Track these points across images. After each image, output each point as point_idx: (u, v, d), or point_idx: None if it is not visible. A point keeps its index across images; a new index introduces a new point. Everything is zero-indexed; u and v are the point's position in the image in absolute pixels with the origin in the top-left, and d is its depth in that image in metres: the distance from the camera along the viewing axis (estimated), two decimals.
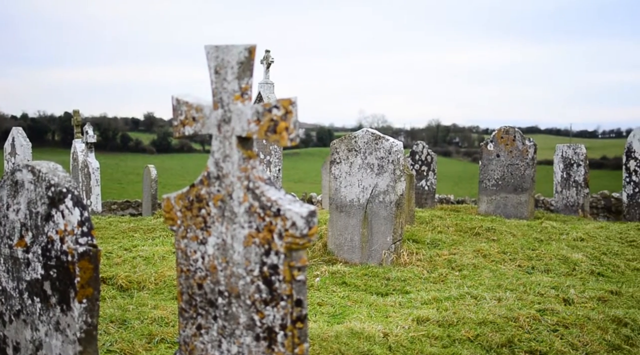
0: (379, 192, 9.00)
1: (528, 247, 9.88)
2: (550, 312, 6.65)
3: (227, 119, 3.17)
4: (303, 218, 2.92)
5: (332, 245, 9.31)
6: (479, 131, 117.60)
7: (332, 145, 9.46)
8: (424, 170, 18.77)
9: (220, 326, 3.30)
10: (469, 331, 5.99)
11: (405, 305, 6.97)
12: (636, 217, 15.11)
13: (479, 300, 7.06)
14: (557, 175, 17.46)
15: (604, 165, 77.31)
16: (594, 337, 6.14)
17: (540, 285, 7.82)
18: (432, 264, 8.88)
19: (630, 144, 15.39)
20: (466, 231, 10.70)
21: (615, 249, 10.18)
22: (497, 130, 14.65)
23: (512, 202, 14.18)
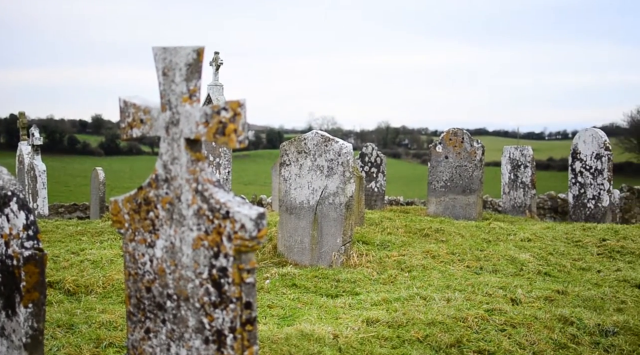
0: (329, 194, 9.02)
1: (476, 247, 9.97)
2: (498, 312, 6.72)
3: (175, 121, 3.15)
4: (252, 220, 2.91)
5: (282, 247, 9.30)
6: (428, 133, 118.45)
7: (282, 147, 9.46)
8: (373, 172, 18.84)
9: (169, 330, 3.28)
10: (418, 332, 6.03)
11: (355, 306, 6.99)
12: (582, 217, 15.34)
13: (428, 301, 7.11)
14: (505, 176, 17.66)
15: (550, 166, 78.42)
16: (541, 336, 6.22)
17: (489, 285, 7.90)
18: (381, 266, 8.92)
19: (576, 146, 15.62)
20: (415, 232, 10.77)
21: (562, 249, 10.32)
22: (446, 132, 14.76)
23: (460, 203, 14.30)
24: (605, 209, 15.13)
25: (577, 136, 15.77)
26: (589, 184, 15.35)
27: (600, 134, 15.41)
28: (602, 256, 10.24)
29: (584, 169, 15.42)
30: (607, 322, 6.67)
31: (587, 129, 15.74)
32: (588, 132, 15.59)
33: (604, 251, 10.44)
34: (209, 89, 13.95)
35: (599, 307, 7.46)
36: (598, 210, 15.20)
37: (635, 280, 8.74)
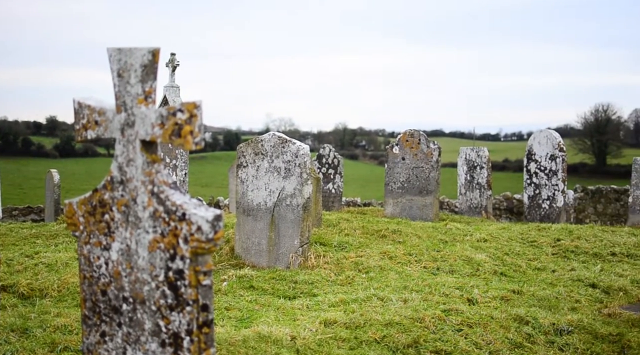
0: (286, 195, 9.01)
1: (433, 248, 10.03)
2: (455, 312, 6.76)
3: (130, 123, 3.12)
4: (209, 222, 2.89)
5: (239, 249, 9.27)
6: (385, 134, 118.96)
7: (239, 149, 9.43)
8: (330, 174, 18.87)
9: (125, 333, 3.25)
10: (375, 332, 6.05)
11: (312, 308, 7.00)
12: (537, 218, 15.50)
13: (386, 301, 7.13)
14: (461, 177, 17.79)
15: (506, 167, 79.16)
16: (497, 335, 6.28)
17: (445, 285, 7.95)
18: (339, 267, 8.93)
19: (531, 147, 15.78)
20: (373, 233, 10.80)
21: (517, 249, 10.42)
22: (403, 134, 14.83)
23: (417, 204, 14.37)
24: (559, 210, 15.30)
25: (532, 137, 15.93)
26: (544, 185, 15.51)
27: (555, 135, 15.58)
28: (557, 256, 10.36)
29: (539, 170, 15.58)
30: (562, 321, 6.75)
31: (541, 130, 15.91)
32: (543, 133, 15.76)
33: (558, 251, 10.56)
34: (165, 91, 13.87)
35: (554, 306, 7.55)
36: (553, 211, 15.37)
37: (589, 279, 8.86)
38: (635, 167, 14.76)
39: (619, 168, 76.63)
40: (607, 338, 6.56)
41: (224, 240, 9.68)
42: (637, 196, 14.61)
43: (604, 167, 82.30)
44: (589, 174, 74.71)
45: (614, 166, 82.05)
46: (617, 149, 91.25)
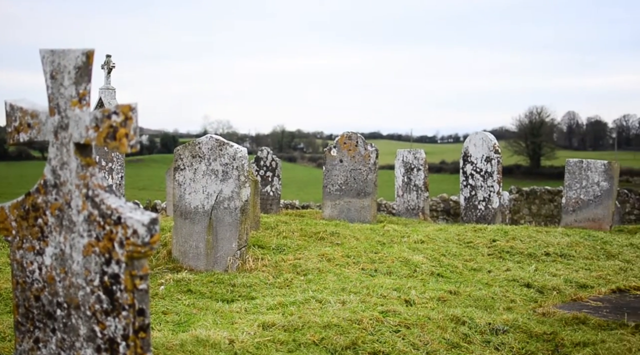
0: (224, 198, 8.97)
1: (371, 250, 10.08)
2: (393, 313, 6.80)
3: (64, 126, 3.08)
4: (144, 226, 2.87)
5: (177, 253, 9.20)
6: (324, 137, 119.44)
7: (176, 152, 9.36)
8: (268, 176, 18.84)
9: (60, 339, 3.20)
10: (314, 335, 6.05)
11: (251, 311, 6.98)
12: (473, 219, 15.67)
13: (324, 303, 7.15)
14: (399, 179, 17.91)
15: (443, 169, 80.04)
16: (434, 336, 6.33)
17: (383, 287, 7.99)
18: (277, 269, 8.92)
19: (467, 149, 15.96)
20: (311, 236, 10.81)
21: (454, 250, 10.53)
22: (340, 136, 14.88)
23: (355, 206, 14.43)
24: (495, 211, 15.50)
25: (468, 139, 16.11)
26: (480, 186, 15.70)
27: (490, 138, 15.78)
28: (493, 256, 10.50)
29: (475, 172, 15.76)
30: (498, 321, 6.84)
31: (477, 132, 16.09)
32: (478, 135, 15.95)
33: (494, 252, 10.70)
34: (100, 93, 13.71)
35: (490, 306, 7.65)
36: (488, 212, 15.57)
37: (524, 279, 8.99)
38: (568, 169, 15.03)
39: (552, 169, 78.05)
40: (542, 337, 6.66)
41: (160, 243, 9.60)
42: (570, 197, 14.88)
43: (538, 169, 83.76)
44: (524, 176, 75.95)
45: (547, 168, 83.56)
46: (550, 150, 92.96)
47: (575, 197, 14.88)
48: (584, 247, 11.24)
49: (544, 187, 32.52)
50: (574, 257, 10.72)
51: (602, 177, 14.64)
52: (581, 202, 14.81)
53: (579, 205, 14.84)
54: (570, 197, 14.92)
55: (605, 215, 14.61)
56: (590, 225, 14.42)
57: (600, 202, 14.64)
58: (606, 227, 14.41)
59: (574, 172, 14.97)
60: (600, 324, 7.21)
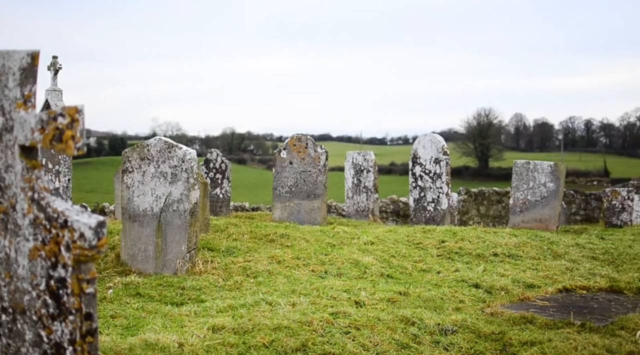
0: (173, 200, 8.92)
1: (321, 252, 10.09)
2: (343, 314, 6.82)
3: (8, 128, 3.03)
4: (92, 229, 2.84)
5: (125, 256, 9.12)
6: (274, 139, 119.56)
7: (124, 154, 9.28)
8: (218, 179, 18.77)
9: (4, 344, 3.15)
10: (264, 337, 6.04)
11: (200, 314, 6.94)
12: (422, 220, 15.77)
13: (274, 306, 7.14)
14: (348, 181, 17.97)
15: (392, 171, 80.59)
16: (384, 337, 6.36)
17: (333, 289, 8.01)
18: (227, 272, 8.89)
19: (416, 151, 16.06)
20: (261, 238, 10.79)
21: (403, 252, 10.58)
22: (290, 138, 14.87)
23: (305, 208, 14.43)
24: (444, 212, 15.63)
25: (417, 141, 16.21)
26: (429, 188, 15.82)
27: (439, 139, 15.91)
28: (442, 257, 10.58)
29: (424, 173, 15.87)
30: (447, 321, 6.89)
31: (426, 134, 16.21)
32: (427, 137, 16.06)
33: (443, 253, 10.78)
34: (47, 95, 13.54)
35: (439, 307, 7.71)
36: (437, 213, 15.68)
37: (472, 280, 9.08)
38: (515, 170, 15.20)
39: (500, 171, 79.06)
40: (490, 337, 6.73)
41: (109, 247, 9.50)
42: (518, 198, 15.05)
43: (486, 170, 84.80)
44: (472, 177, 76.80)
45: (495, 169, 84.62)
46: (498, 152, 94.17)
47: (523, 198, 15.06)
48: (531, 248, 11.39)
49: (492, 188, 32.89)
50: (521, 257, 10.86)
51: (548, 178, 14.84)
52: (528, 202, 14.99)
53: (526, 206, 15.02)
54: (518, 198, 15.10)
55: (552, 215, 14.81)
56: (537, 226, 14.61)
57: (546, 203, 14.84)
58: (553, 228, 14.61)
59: (521, 173, 15.15)
60: (547, 323, 7.31)
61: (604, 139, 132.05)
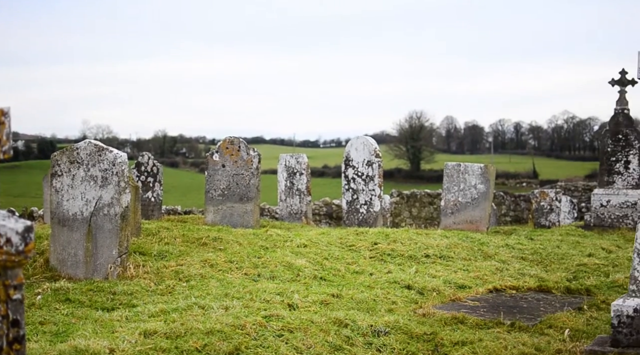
0: (104, 204, 8.81)
1: (254, 255, 10.06)
2: (276, 317, 6.82)
3: None
4: (18, 234, 2.79)
5: (54, 261, 8.98)
6: (206, 141, 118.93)
7: (54, 158, 9.14)
8: (150, 182, 18.58)
9: None
10: (197, 341, 6.01)
11: (132, 319, 6.86)
12: (355, 222, 15.85)
13: (207, 310, 7.10)
14: (281, 184, 17.97)
15: (325, 173, 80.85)
16: (317, 339, 6.38)
17: (266, 292, 8.00)
18: (159, 276, 8.81)
19: (349, 153, 16.13)
20: (193, 241, 10.72)
21: (336, 254, 10.62)
22: (223, 141, 14.81)
23: (238, 211, 14.38)
24: (376, 214, 15.73)
25: (350, 144, 16.30)
26: (361, 190, 15.91)
27: (371, 142, 16.01)
28: (374, 259, 10.65)
29: (357, 176, 15.96)
30: (379, 323, 6.94)
31: (358, 137, 16.31)
32: (360, 140, 16.15)
33: (375, 254, 10.86)
34: None
35: (372, 308, 7.76)
36: (370, 215, 15.78)
37: (405, 281, 9.16)
38: (446, 172, 15.38)
39: (432, 173, 79.93)
40: (422, 337, 6.80)
41: (37, 252, 9.34)
42: (449, 200, 15.23)
43: (418, 172, 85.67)
44: (405, 179, 77.48)
45: (427, 171, 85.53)
46: (430, 154, 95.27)
47: (454, 200, 15.24)
48: (462, 249, 11.54)
49: (424, 190, 33.25)
50: (452, 258, 10.99)
51: (479, 180, 15.05)
52: (459, 204, 15.18)
53: (457, 207, 15.21)
54: (449, 199, 15.28)
55: (482, 217, 15.02)
56: (468, 227, 14.80)
57: (477, 205, 15.05)
58: (483, 229, 14.82)
59: (452, 175, 15.34)
60: (478, 323, 7.43)
61: (533, 141, 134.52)
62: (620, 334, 6.44)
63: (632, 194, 17.24)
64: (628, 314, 6.42)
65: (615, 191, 17.34)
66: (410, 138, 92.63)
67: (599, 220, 17.32)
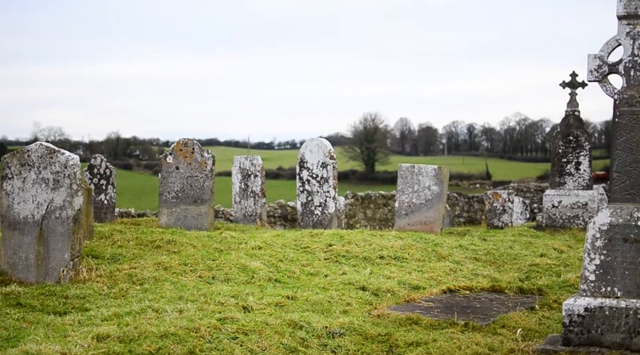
0: (55, 207, 8.71)
1: (208, 257, 10.02)
2: (230, 320, 6.79)
3: None
4: None
5: (5, 265, 8.85)
6: (160, 144, 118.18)
7: (4, 160, 9.01)
8: (103, 184, 18.42)
9: None
10: (150, 345, 5.96)
11: (84, 323, 6.79)
12: (309, 224, 15.84)
13: (161, 313, 7.05)
14: (236, 186, 17.91)
15: (280, 175, 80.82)
16: (272, 341, 6.37)
17: (221, 294, 7.97)
18: (112, 280, 8.73)
19: (303, 155, 16.12)
20: (147, 244, 10.64)
21: (291, 256, 10.61)
22: (176, 143, 14.72)
23: (192, 213, 14.30)
24: (331, 216, 15.74)
25: (304, 146, 16.29)
26: (316, 192, 15.91)
27: (326, 144, 16.02)
28: (329, 261, 10.66)
29: (311, 177, 15.95)
30: (334, 324, 6.95)
31: (313, 138, 16.30)
32: (314, 141, 16.15)
33: (330, 256, 10.87)
34: None
35: (327, 310, 7.77)
36: (325, 217, 15.79)
37: (359, 282, 9.18)
38: (400, 174, 15.45)
39: (386, 174, 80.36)
40: (377, 338, 6.82)
41: None
42: (403, 201, 15.30)
43: (372, 174, 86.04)
44: (359, 181, 77.77)
45: (382, 173, 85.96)
46: (384, 156, 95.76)
47: (408, 201, 15.32)
48: (416, 250, 11.59)
49: (379, 191, 33.40)
50: (407, 259, 11.04)
51: (432, 182, 15.15)
52: (413, 205, 15.26)
53: (411, 208, 15.29)
54: (403, 201, 15.35)
55: (436, 218, 15.12)
56: (422, 228, 14.88)
57: (431, 206, 15.14)
58: (437, 230, 14.91)
59: (406, 176, 15.42)
60: (432, 324, 7.48)
61: (486, 143, 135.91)
62: (572, 332, 6.52)
63: (583, 194, 17.51)
64: (579, 313, 6.50)
65: (567, 192, 17.59)
66: (364, 140, 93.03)
67: (551, 221, 17.56)
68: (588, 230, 6.66)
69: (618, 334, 6.42)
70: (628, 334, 6.39)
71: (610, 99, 6.78)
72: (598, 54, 6.84)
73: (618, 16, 6.74)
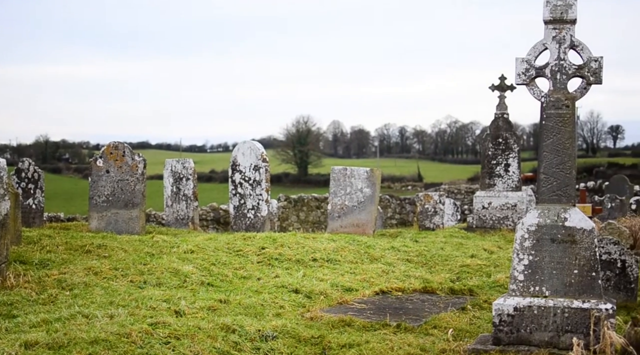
0: None
1: (140, 262, 9.91)
2: (162, 325, 6.74)
3: None
4: None
5: None
6: (90, 147, 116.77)
7: None
8: (31, 189, 18.07)
9: None
10: (80, 351, 5.88)
11: (12, 330, 6.65)
12: (242, 227, 15.79)
13: (91, 318, 6.95)
14: (168, 189, 17.75)
15: (212, 178, 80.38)
16: (205, 345, 6.33)
17: (152, 299, 7.89)
18: (41, 285, 8.57)
19: (236, 158, 16.06)
20: (77, 249, 10.49)
21: (224, 259, 10.56)
22: (107, 146, 14.54)
23: (123, 217, 14.14)
24: (264, 219, 15.71)
25: (237, 148, 16.23)
26: (249, 195, 15.86)
27: (258, 146, 15.99)
28: (262, 264, 10.64)
29: (244, 180, 15.90)
30: (267, 327, 6.94)
31: (245, 141, 16.26)
32: (246, 144, 16.11)
33: (263, 259, 10.85)
34: None
35: (260, 313, 7.76)
36: (258, 220, 15.75)
37: (292, 285, 9.18)
38: (333, 176, 15.50)
39: (319, 177, 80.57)
40: (310, 341, 6.84)
41: None
42: (336, 203, 15.35)
43: (305, 177, 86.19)
44: (292, 184, 77.79)
45: (315, 175, 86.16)
46: (317, 158, 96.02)
47: (341, 204, 15.37)
48: (349, 252, 11.64)
49: (312, 194, 33.49)
50: (339, 261, 11.08)
51: (365, 184, 15.23)
52: (346, 208, 15.32)
53: (344, 211, 15.35)
54: (336, 203, 15.40)
55: (369, 220, 15.20)
56: (354, 230, 14.95)
57: (363, 208, 15.22)
58: (370, 232, 14.99)
59: (339, 179, 15.47)
60: (365, 325, 7.52)
61: (418, 145, 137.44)
62: (502, 332, 6.63)
63: (512, 196, 17.80)
64: (509, 313, 6.61)
65: (496, 193, 17.87)
66: (297, 142, 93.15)
67: (481, 222, 17.81)
68: (517, 231, 6.78)
69: (546, 333, 6.55)
70: (556, 332, 6.52)
71: (538, 101, 6.91)
72: (525, 58, 6.97)
73: (544, 21, 6.88)
